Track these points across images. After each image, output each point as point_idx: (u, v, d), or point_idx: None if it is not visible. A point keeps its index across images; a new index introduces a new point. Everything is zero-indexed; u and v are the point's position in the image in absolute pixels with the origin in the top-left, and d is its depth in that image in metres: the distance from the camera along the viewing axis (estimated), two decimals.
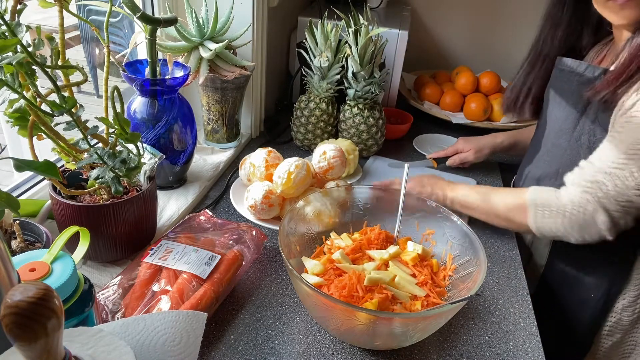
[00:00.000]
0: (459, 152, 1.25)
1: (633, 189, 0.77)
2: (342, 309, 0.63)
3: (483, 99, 1.52)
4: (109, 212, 0.73)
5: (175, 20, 0.87)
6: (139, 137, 0.72)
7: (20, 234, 0.67)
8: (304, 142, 1.25)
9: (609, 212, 0.80)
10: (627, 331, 0.96)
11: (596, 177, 0.81)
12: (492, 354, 0.73)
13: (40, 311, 0.32)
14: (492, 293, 0.86)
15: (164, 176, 1.00)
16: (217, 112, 1.15)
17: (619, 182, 0.78)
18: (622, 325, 0.96)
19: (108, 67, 0.74)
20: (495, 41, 1.84)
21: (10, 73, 0.58)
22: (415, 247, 0.81)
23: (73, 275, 0.51)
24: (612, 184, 0.79)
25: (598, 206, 0.80)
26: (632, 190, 0.78)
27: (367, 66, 1.13)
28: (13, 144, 1.47)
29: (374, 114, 1.20)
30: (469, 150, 1.24)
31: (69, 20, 0.71)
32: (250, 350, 0.69)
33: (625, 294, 0.94)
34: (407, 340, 0.68)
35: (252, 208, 0.93)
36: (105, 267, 0.79)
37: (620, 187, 0.78)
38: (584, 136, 0.89)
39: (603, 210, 0.80)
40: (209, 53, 1.02)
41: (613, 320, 0.96)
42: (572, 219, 0.82)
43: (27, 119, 0.63)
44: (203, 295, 0.69)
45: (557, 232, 0.85)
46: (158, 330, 0.48)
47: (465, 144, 1.25)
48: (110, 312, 0.66)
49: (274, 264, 0.86)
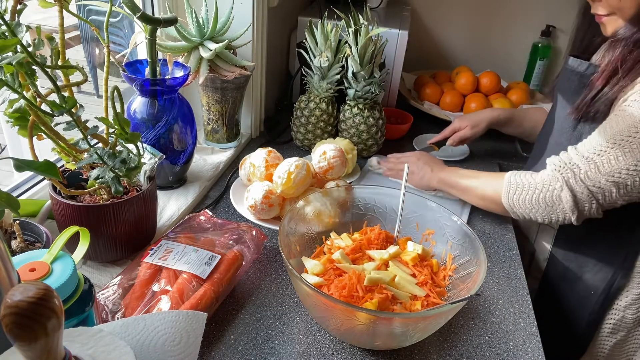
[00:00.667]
0: (456, 130, 1.26)
1: (606, 175, 0.80)
2: (342, 309, 0.63)
3: (483, 99, 1.52)
4: (109, 212, 0.73)
5: (175, 20, 0.87)
6: (139, 137, 0.72)
7: (20, 234, 0.67)
8: (304, 142, 1.25)
9: (574, 193, 0.82)
10: (630, 329, 0.96)
11: (572, 160, 0.84)
12: (492, 354, 0.73)
13: (40, 311, 0.32)
14: (492, 293, 0.86)
15: (164, 176, 1.00)
16: (217, 112, 1.15)
17: (593, 166, 0.81)
18: (626, 323, 0.96)
19: (108, 67, 0.74)
20: (495, 41, 1.84)
21: (10, 73, 0.58)
22: (415, 247, 0.81)
23: (73, 275, 0.51)
24: (585, 168, 0.82)
25: (564, 185, 0.83)
26: (604, 176, 0.80)
27: (367, 66, 1.13)
28: (13, 144, 1.46)
29: (374, 114, 1.20)
30: (465, 126, 1.25)
31: (69, 20, 0.71)
32: (250, 350, 0.69)
33: (628, 291, 0.94)
34: (407, 340, 0.68)
35: (252, 208, 0.93)
36: (105, 267, 0.79)
37: (593, 172, 0.81)
38: (584, 136, 0.90)
39: (568, 190, 0.82)
40: (209, 53, 1.02)
41: (616, 318, 0.96)
42: (540, 195, 0.86)
43: (27, 119, 0.63)
44: (203, 295, 0.69)
45: (525, 210, 0.89)
46: (158, 330, 0.48)
47: (462, 121, 1.27)
48: (110, 312, 0.66)
49: (274, 264, 0.86)
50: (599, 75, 0.86)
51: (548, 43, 1.73)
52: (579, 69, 0.93)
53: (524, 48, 1.79)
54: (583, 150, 0.84)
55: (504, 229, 1.03)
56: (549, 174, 0.86)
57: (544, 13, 1.73)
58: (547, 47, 1.73)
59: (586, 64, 0.92)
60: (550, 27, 1.73)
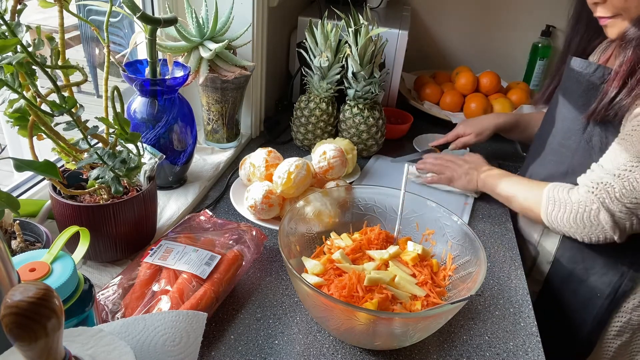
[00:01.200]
0: (460, 136, 1.25)
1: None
2: (342, 309, 0.63)
3: (483, 99, 1.52)
4: (109, 212, 0.73)
5: (175, 20, 0.87)
6: (139, 137, 0.72)
7: (20, 234, 0.67)
8: (304, 142, 1.25)
9: (612, 213, 0.81)
10: (635, 330, 0.97)
11: (603, 179, 0.82)
12: (492, 354, 0.73)
13: (40, 311, 0.32)
14: (492, 293, 0.86)
15: (164, 176, 1.00)
16: (217, 112, 1.15)
17: (627, 184, 0.80)
18: (632, 325, 0.96)
19: (108, 67, 0.74)
20: (495, 41, 1.84)
21: (10, 73, 0.58)
22: (415, 247, 0.81)
23: (73, 275, 0.51)
24: (619, 186, 0.80)
25: (601, 206, 0.82)
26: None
27: (367, 66, 1.13)
28: (13, 144, 1.46)
29: (374, 114, 1.20)
30: (469, 133, 1.24)
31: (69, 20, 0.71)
32: (250, 350, 0.69)
33: (635, 294, 0.94)
34: (407, 340, 0.68)
35: (252, 208, 0.93)
36: (105, 267, 0.79)
37: (628, 189, 0.80)
38: (595, 138, 0.89)
39: (605, 211, 0.81)
40: (209, 53, 1.02)
41: (623, 320, 0.96)
42: (578, 216, 0.84)
43: (27, 119, 0.63)
44: (203, 295, 0.69)
45: (564, 228, 0.88)
46: (158, 330, 0.48)
47: (466, 127, 1.25)
48: (110, 312, 0.66)
49: (274, 264, 0.86)
50: (613, 78, 0.84)
51: (548, 43, 1.73)
52: (586, 70, 0.91)
53: (524, 48, 1.79)
54: (611, 168, 0.82)
55: (504, 229, 1.03)
56: (584, 195, 0.84)
57: (544, 13, 1.73)
58: (547, 47, 1.73)
59: (594, 65, 0.90)
60: (550, 27, 1.73)
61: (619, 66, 0.83)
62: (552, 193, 0.89)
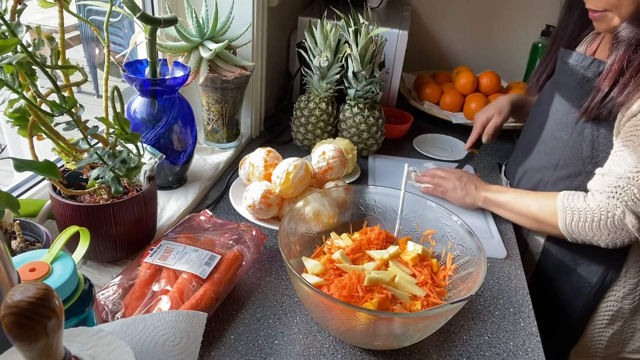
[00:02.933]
0: (485, 124, 1.24)
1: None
2: (342, 309, 0.63)
3: (483, 99, 1.52)
4: (109, 212, 0.73)
5: (175, 20, 0.87)
6: (139, 137, 0.72)
7: (20, 234, 0.67)
8: (303, 142, 1.25)
9: (638, 215, 0.81)
10: (627, 319, 0.98)
11: (619, 183, 0.82)
12: (492, 354, 0.73)
13: (40, 311, 0.32)
14: (492, 293, 0.86)
15: (164, 176, 1.00)
16: (217, 112, 1.15)
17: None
18: (623, 313, 0.97)
19: (108, 67, 0.74)
20: (495, 41, 1.84)
21: (10, 73, 0.58)
22: (415, 247, 0.81)
23: (73, 275, 0.51)
24: (637, 187, 0.80)
25: (626, 209, 0.81)
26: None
27: (367, 66, 1.13)
28: (13, 144, 1.46)
29: (374, 114, 1.20)
30: (492, 115, 1.23)
31: (69, 20, 0.71)
32: (250, 350, 0.69)
33: (625, 282, 0.95)
34: (407, 340, 0.68)
35: (251, 208, 0.93)
36: (105, 267, 0.79)
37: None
38: (587, 130, 0.90)
39: (631, 213, 0.81)
40: (209, 53, 1.02)
41: (614, 309, 0.97)
42: (601, 223, 0.84)
43: (27, 119, 0.63)
44: (203, 295, 0.69)
45: (587, 237, 0.87)
46: (158, 330, 0.48)
47: (485, 113, 1.24)
48: (110, 312, 0.66)
49: (274, 264, 0.86)
50: (605, 76, 0.84)
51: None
52: (581, 63, 0.92)
53: (524, 48, 1.78)
54: (622, 171, 0.81)
55: (504, 229, 1.03)
56: (604, 201, 0.83)
57: (544, 13, 1.73)
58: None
59: (589, 58, 0.91)
60: (550, 27, 1.72)
61: (611, 64, 0.84)
62: (567, 202, 0.88)
